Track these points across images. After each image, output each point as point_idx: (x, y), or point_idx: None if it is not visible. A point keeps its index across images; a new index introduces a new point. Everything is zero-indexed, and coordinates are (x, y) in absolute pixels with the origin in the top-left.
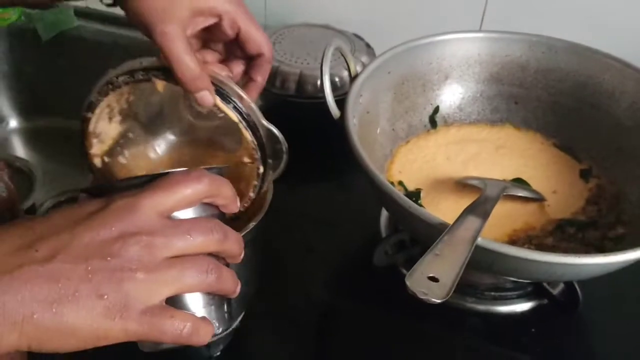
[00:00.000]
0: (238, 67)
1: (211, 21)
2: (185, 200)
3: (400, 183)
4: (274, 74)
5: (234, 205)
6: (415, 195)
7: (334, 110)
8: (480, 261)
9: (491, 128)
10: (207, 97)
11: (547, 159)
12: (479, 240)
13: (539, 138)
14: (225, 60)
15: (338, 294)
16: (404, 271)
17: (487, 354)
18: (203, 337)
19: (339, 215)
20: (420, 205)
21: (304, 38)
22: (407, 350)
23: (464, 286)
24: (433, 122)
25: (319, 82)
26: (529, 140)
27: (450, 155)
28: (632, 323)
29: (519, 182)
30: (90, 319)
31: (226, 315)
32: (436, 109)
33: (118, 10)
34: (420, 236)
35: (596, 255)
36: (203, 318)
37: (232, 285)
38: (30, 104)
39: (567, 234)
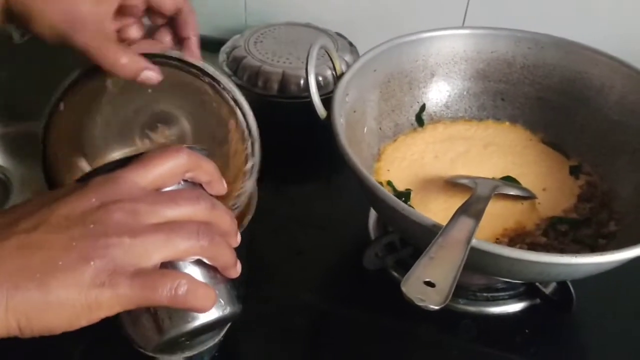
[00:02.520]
0: (166, 36)
1: (115, 4)
2: (165, 174)
3: (389, 183)
4: (256, 75)
5: (219, 184)
6: (405, 196)
7: (321, 110)
8: (475, 263)
9: (479, 125)
10: (149, 75)
11: (536, 156)
12: (474, 242)
13: (527, 134)
14: (150, 35)
15: (328, 297)
16: (394, 273)
17: (481, 356)
18: (203, 300)
19: (327, 217)
20: (410, 206)
21: (286, 37)
22: (398, 354)
23: (456, 288)
24: (420, 120)
25: (302, 82)
26: (517, 137)
27: (439, 154)
28: (626, 321)
29: (508, 180)
30: (78, 288)
31: (234, 295)
32: (423, 107)
33: None
34: (413, 238)
35: (592, 255)
36: (204, 283)
37: (230, 257)
38: (4, 108)
39: (559, 232)
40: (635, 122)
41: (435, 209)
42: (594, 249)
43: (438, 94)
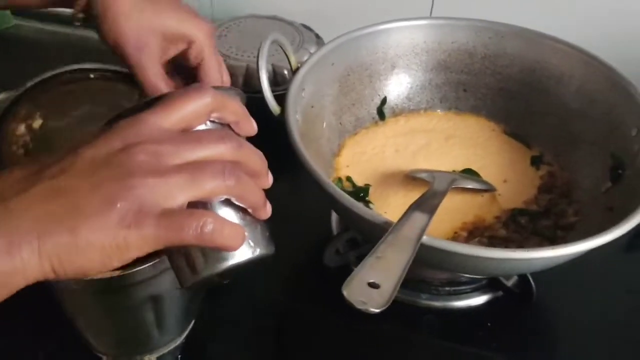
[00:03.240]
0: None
1: (181, 47)
2: (189, 115)
3: (349, 178)
4: None
5: (247, 124)
6: (363, 191)
7: (274, 107)
8: (429, 259)
9: (440, 117)
10: None
11: (498, 147)
12: (425, 239)
13: (489, 125)
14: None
15: (292, 296)
16: None
17: (443, 351)
18: (230, 238)
19: (291, 214)
20: (369, 202)
21: (251, 30)
22: (361, 351)
23: (419, 282)
24: (381, 114)
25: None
26: (479, 128)
27: (400, 147)
28: (586, 311)
29: (469, 172)
30: (106, 230)
31: (266, 236)
32: (384, 100)
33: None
34: (367, 236)
35: (544, 249)
36: (232, 222)
37: (258, 196)
38: None
39: (519, 225)
40: (594, 111)
41: (395, 204)
42: (553, 240)
43: (399, 86)
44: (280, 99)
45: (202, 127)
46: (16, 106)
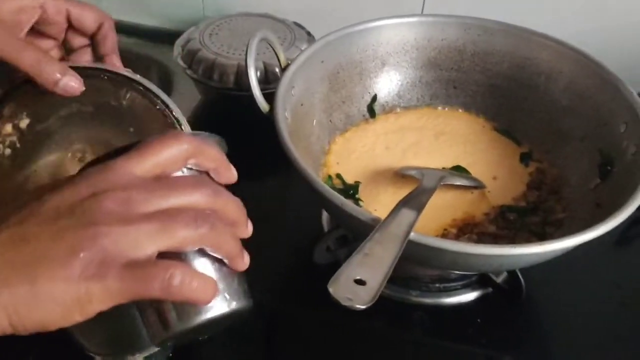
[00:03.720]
0: (85, 56)
1: (36, 15)
2: (164, 162)
3: (339, 176)
4: (211, 68)
5: (227, 171)
6: (353, 189)
7: (263, 105)
8: (417, 256)
9: (430, 114)
10: (70, 84)
11: (487, 144)
12: (412, 236)
13: (479, 122)
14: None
15: (282, 296)
16: None
17: (433, 348)
18: (200, 292)
19: (282, 212)
20: (359, 199)
21: (242, 29)
22: (353, 348)
23: (409, 279)
24: (372, 111)
25: (258, 73)
26: (469, 125)
27: (390, 145)
28: (575, 305)
29: (458, 169)
30: (68, 281)
31: (243, 289)
32: (374, 98)
33: None
34: (357, 233)
35: (531, 245)
36: (203, 274)
37: (234, 245)
38: None
39: (508, 221)
40: (583, 108)
41: (385, 201)
42: (542, 236)
43: (390, 83)
44: (271, 97)
45: (178, 174)
46: (2, 105)
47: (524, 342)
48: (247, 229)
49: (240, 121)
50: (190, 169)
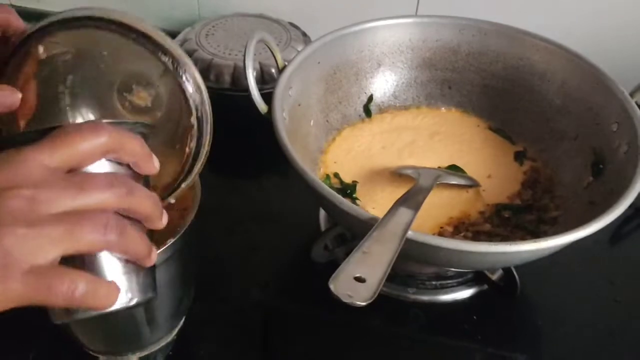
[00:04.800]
0: None
1: None
2: (78, 154)
3: (336, 175)
4: (207, 68)
5: (147, 163)
6: (350, 188)
7: (261, 105)
8: (414, 254)
9: (426, 114)
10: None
11: (482, 143)
12: (410, 234)
13: (473, 122)
14: None
15: (281, 293)
16: None
17: (430, 344)
18: (103, 300)
19: (281, 211)
20: (356, 198)
21: (238, 29)
22: (349, 346)
23: (406, 277)
24: (368, 111)
25: (255, 74)
26: (464, 125)
27: (386, 144)
28: (569, 302)
29: (454, 168)
30: None
31: (147, 283)
32: (370, 98)
33: None
34: (354, 232)
35: (525, 243)
36: (107, 281)
37: (142, 248)
38: None
39: (503, 219)
40: (576, 108)
41: (381, 200)
42: (536, 234)
43: (385, 83)
44: (268, 97)
45: (96, 164)
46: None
47: (519, 338)
48: (162, 221)
49: (238, 121)
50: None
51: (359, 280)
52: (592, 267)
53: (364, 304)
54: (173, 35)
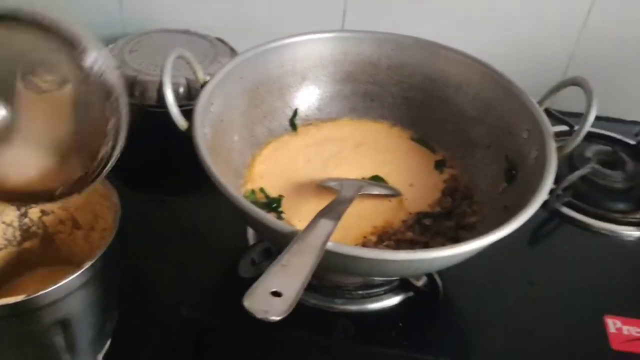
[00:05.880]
0: None
1: None
2: None
3: (262, 190)
4: (132, 85)
5: None
6: (276, 202)
7: (180, 122)
8: (337, 265)
9: (350, 126)
10: None
11: (404, 153)
12: (329, 245)
13: (396, 132)
14: None
15: (209, 310)
16: None
17: (356, 353)
18: None
19: (208, 227)
20: (282, 212)
21: (164, 45)
22: (281, 359)
23: (334, 288)
24: (293, 125)
25: (181, 89)
26: (387, 136)
27: (311, 157)
28: (491, 304)
29: (376, 179)
30: None
31: None
32: (295, 112)
33: None
34: (278, 246)
35: (438, 249)
36: None
37: None
38: None
39: (424, 227)
40: (489, 117)
41: (306, 213)
42: (456, 240)
43: (310, 97)
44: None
45: None
46: None
47: (443, 342)
48: None
49: (164, 137)
50: None
51: (276, 294)
52: (513, 269)
53: (278, 318)
54: None
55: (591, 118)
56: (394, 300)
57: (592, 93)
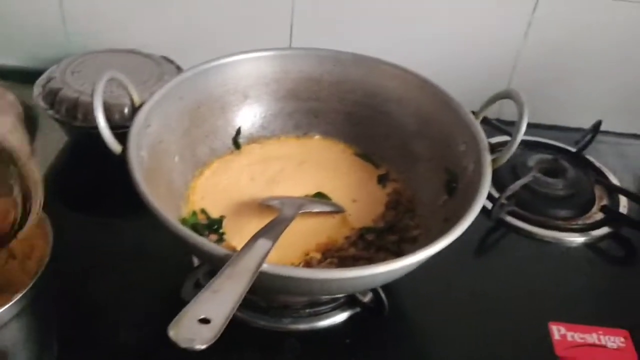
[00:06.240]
0: None
1: None
2: None
3: (203, 211)
4: (74, 107)
5: None
6: (217, 223)
7: (114, 146)
8: (275, 286)
9: (294, 143)
10: None
11: (348, 168)
12: (264, 267)
13: (340, 148)
14: None
15: (152, 335)
16: None
17: None
18: None
19: (156, 249)
20: (223, 234)
21: (107, 65)
22: None
23: (281, 308)
24: (237, 144)
25: (126, 110)
26: (331, 152)
27: (255, 175)
28: (436, 316)
29: (319, 196)
30: None
31: None
32: (238, 130)
33: None
34: (217, 269)
35: (374, 266)
36: None
37: None
38: None
39: (367, 242)
40: (429, 130)
41: (248, 234)
42: (398, 254)
43: (253, 116)
44: None
45: None
46: None
47: (391, 357)
48: None
49: (108, 159)
50: None
51: (204, 321)
52: (460, 280)
53: (204, 346)
54: (39, 73)
55: (523, 129)
56: (341, 317)
57: (524, 105)
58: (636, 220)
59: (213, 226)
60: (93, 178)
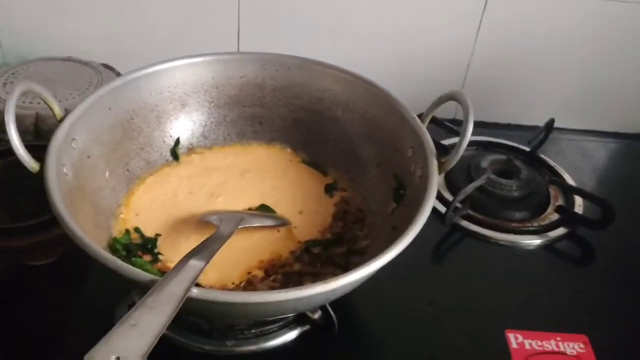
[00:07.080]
0: None
1: None
2: None
3: (137, 230)
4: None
5: None
6: (151, 243)
7: (30, 163)
8: (211, 311)
9: (237, 152)
10: None
11: (294, 177)
12: (193, 292)
13: (286, 156)
14: None
15: None
16: None
17: None
18: None
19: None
20: (158, 254)
21: (42, 75)
22: None
23: (224, 330)
24: (175, 155)
25: None
26: (277, 160)
27: (194, 189)
28: (391, 327)
29: (263, 208)
30: None
31: None
32: (177, 141)
33: None
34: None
35: (311, 286)
36: None
37: None
38: None
39: (313, 256)
40: (377, 135)
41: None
42: (346, 267)
43: (193, 125)
44: None
45: None
46: None
47: None
48: None
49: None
50: None
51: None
52: (415, 289)
53: None
54: None
55: (469, 132)
56: (290, 336)
57: (469, 107)
58: (591, 220)
59: (147, 246)
60: (28, 194)
